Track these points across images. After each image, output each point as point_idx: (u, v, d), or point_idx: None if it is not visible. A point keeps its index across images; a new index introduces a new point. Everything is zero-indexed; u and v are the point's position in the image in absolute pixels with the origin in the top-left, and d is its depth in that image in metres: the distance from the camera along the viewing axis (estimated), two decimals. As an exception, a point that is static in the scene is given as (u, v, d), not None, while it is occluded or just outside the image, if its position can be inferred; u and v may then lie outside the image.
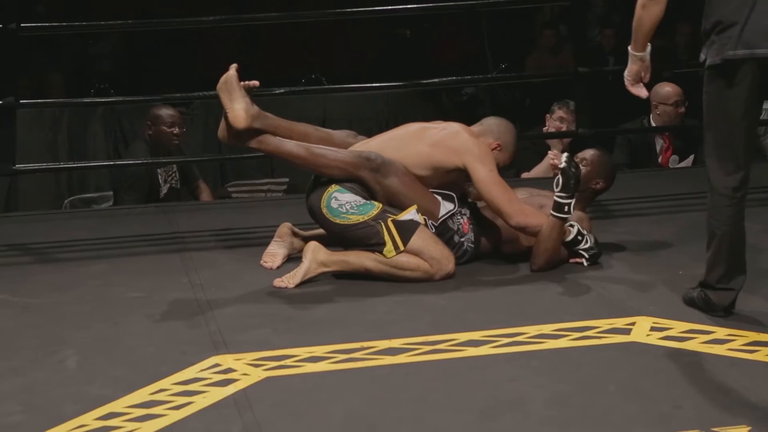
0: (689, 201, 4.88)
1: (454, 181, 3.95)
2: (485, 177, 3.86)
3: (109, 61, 8.67)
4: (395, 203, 3.87)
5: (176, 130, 5.53)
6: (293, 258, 4.03)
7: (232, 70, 3.87)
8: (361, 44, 8.75)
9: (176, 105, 5.88)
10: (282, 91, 5.69)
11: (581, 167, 4.07)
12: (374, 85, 5.29)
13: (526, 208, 3.90)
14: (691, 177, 5.38)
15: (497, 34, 9.12)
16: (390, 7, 6.03)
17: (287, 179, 6.49)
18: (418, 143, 3.94)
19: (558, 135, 5.91)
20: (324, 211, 3.86)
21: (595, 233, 4.12)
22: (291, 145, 3.90)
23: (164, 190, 5.53)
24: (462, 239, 3.98)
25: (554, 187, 3.87)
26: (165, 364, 3.11)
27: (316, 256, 3.80)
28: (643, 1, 3.28)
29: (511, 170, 5.53)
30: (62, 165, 6.44)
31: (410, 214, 3.85)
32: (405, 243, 3.80)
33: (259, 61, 8.70)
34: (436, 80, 5.95)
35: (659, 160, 5.96)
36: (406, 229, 3.81)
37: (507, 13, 8.73)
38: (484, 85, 8.46)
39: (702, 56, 3.25)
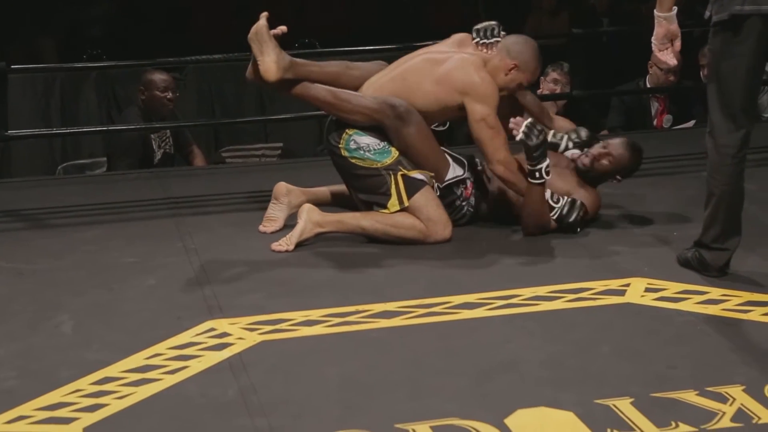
0: (684, 162, 4.89)
1: (464, 117, 3.89)
2: (480, 118, 3.80)
3: (101, 26, 8.62)
4: (409, 155, 3.85)
5: (169, 95, 5.51)
6: (291, 221, 4.01)
7: (263, 20, 3.82)
8: (356, 8, 8.70)
9: (169, 70, 5.84)
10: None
11: (604, 161, 4.02)
12: (368, 48, 5.25)
13: (511, 162, 3.85)
14: (686, 138, 5.38)
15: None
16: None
17: (281, 144, 6.46)
18: (424, 81, 3.88)
19: (552, 97, 5.89)
20: (342, 152, 3.86)
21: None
22: (317, 90, 3.88)
23: (158, 155, 5.51)
24: (462, 203, 3.99)
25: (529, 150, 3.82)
26: (160, 328, 3.11)
27: (310, 217, 3.80)
28: None
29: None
30: (55, 131, 6.40)
31: (421, 174, 3.84)
32: (410, 198, 3.80)
33: (251, 26, 8.67)
34: (431, 43, 5.90)
35: (654, 122, 5.95)
36: (414, 186, 3.82)
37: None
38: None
39: (707, 13, 3.22)
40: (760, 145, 4.39)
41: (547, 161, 3.83)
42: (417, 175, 3.84)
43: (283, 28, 3.85)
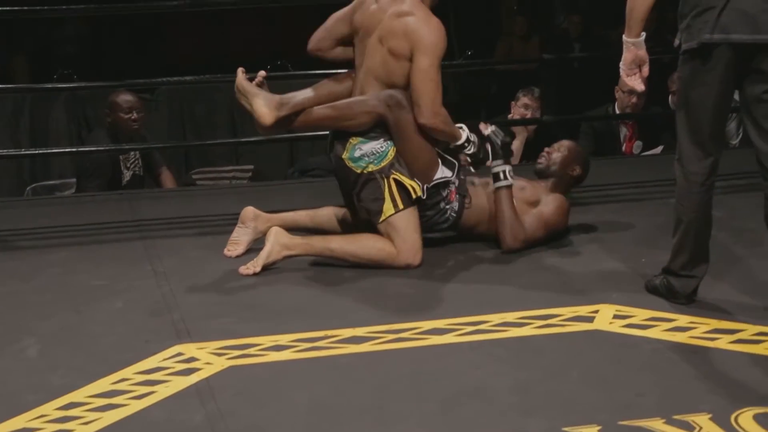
0: (652, 189, 4.91)
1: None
2: (425, 69, 3.79)
3: (73, 46, 8.60)
4: (406, 148, 3.85)
5: (134, 116, 5.47)
6: (257, 245, 4.00)
7: (240, 74, 3.88)
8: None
9: (140, 92, 5.83)
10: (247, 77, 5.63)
11: (556, 153, 4.22)
12: (340, 71, 5.25)
13: (446, 114, 3.88)
14: (655, 165, 5.41)
15: (464, 20, 9.11)
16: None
17: (252, 166, 6.47)
18: (388, 59, 3.87)
19: (523, 122, 5.92)
20: (347, 162, 3.87)
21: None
22: (318, 112, 3.90)
23: (127, 177, 5.49)
24: (446, 206, 4.00)
25: (490, 160, 4.03)
26: (127, 352, 3.09)
27: (278, 239, 3.80)
28: None
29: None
30: (24, 152, 6.37)
31: (411, 187, 3.85)
32: (404, 204, 3.82)
33: (225, 48, 8.66)
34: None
35: (623, 148, 5.99)
36: (407, 193, 3.84)
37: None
38: (450, 72, 8.45)
39: (677, 41, 3.24)
40: (728, 172, 4.41)
41: (510, 165, 4.01)
42: (407, 182, 3.84)
43: (262, 73, 3.90)
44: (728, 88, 3.20)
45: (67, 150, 6.29)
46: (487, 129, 4.08)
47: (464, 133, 4.00)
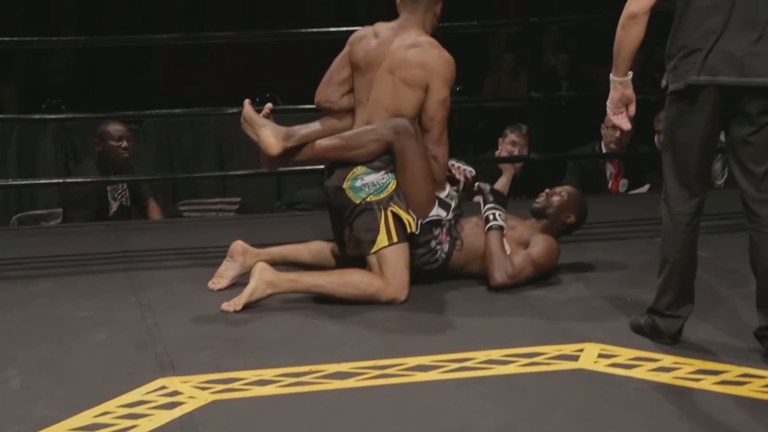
0: (638, 227, 4.93)
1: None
2: (442, 99, 3.90)
3: (62, 76, 8.61)
4: (407, 178, 3.87)
5: (124, 144, 5.50)
6: (243, 279, 3.99)
7: (247, 105, 3.90)
8: (318, 64, 8.74)
9: (128, 123, 5.84)
10: (235, 111, 5.66)
11: (557, 196, 4.24)
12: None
13: (447, 144, 3.97)
14: (641, 203, 5.44)
15: (452, 55, 9.16)
16: (346, 28, 6.03)
17: (239, 199, 6.47)
18: (398, 88, 3.91)
19: (510, 159, 5.94)
20: (347, 191, 3.87)
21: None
22: (325, 143, 3.92)
23: (114, 207, 5.49)
24: (437, 246, 4.01)
25: (482, 206, 4.11)
26: (110, 385, 3.07)
27: (263, 276, 3.77)
28: (622, 21, 3.25)
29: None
30: (11, 182, 6.37)
31: (407, 222, 3.86)
32: (399, 238, 3.83)
33: (214, 80, 8.69)
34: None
35: (609, 186, 6.01)
36: (402, 228, 3.85)
37: (462, 35, 8.76)
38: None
39: (664, 81, 3.27)
40: (714, 213, 4.45)
41: (502, 209, 4.08)
42: (404, 216, 3.86)
43: (269, 105, 3.95)
44: (714, 130, 3.22)
45: (55, 181, 6.29)
46: (453, 167, 4.12)
47: (451, 203, 4.04)
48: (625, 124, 3.38)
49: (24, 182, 6.38)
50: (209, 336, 3.53)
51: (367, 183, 3.86)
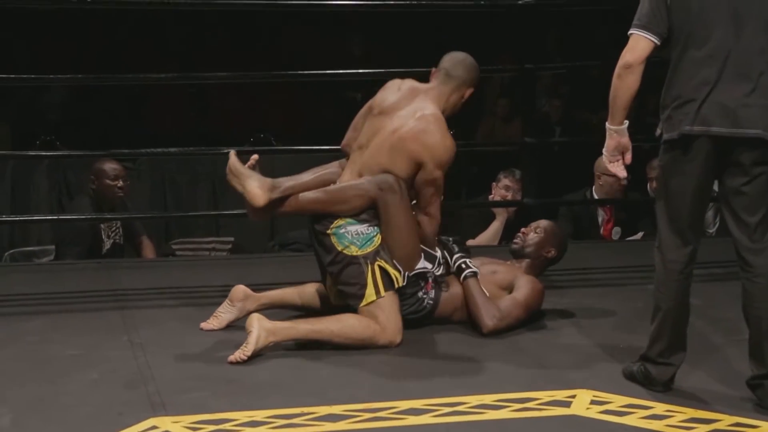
0: (630, 274, 4.94)
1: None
2: (434, 179, 3.94)
3: (56, 113, 8.62)
4: (392, 232, 3.88)
5: (120, 183, 5.52)
6: (237, 322, 3.99)
7: (232, 156, 3.91)
8: (311, 106, 8.79)
9: (122, 161, 5.85)
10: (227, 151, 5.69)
11: (532, 234, 4.27)
12: (323, 147, 5.31)
13: (438, 219, 4.00)
14: (633, 250, 5.46)
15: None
16: (341, 71, 6.09)
17: (232, 239, 6.47)
18: (395, 152, 3.94)
19: (503, 204, 5.96)
20: (331, 236, 3.88)
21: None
22: (310, 196, 3.93)
23: (107, 245, 5.49)
24: (424, 296, 4.02)
25: (449, 259, 4.10)
26: (101, 425, 3.07)
27: (263, 325, 3.73)
28: (618, 70, 3.27)
29: (456, 237, 5.54)
30: (4, 218, 6.36)
31: (394, 275, 3.87)
32: (386, 290, 3.83)
33: (207, 120, 8.71)
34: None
35: (601, 231, 6.03)
36: (389, 282, 3.85)
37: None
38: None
39: (658, 130, 3.30)
40: (706, 261, 4.45)
41: (468, 255, 4.10)
42: (392, 271, 3.86)
43: (255, 156, 3.96)
44: (708, 179, 3.24)
45: (48, 217, 6.30)
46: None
47: (437, 255, 4.07)
48: (622, 172, 3.40)
49: (17, 218, 6.38)
50: (201, 376, 3.52)
51: (350, 231, 3.88)
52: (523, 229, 4.35)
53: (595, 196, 5.98)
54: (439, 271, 4.07)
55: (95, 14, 8.35)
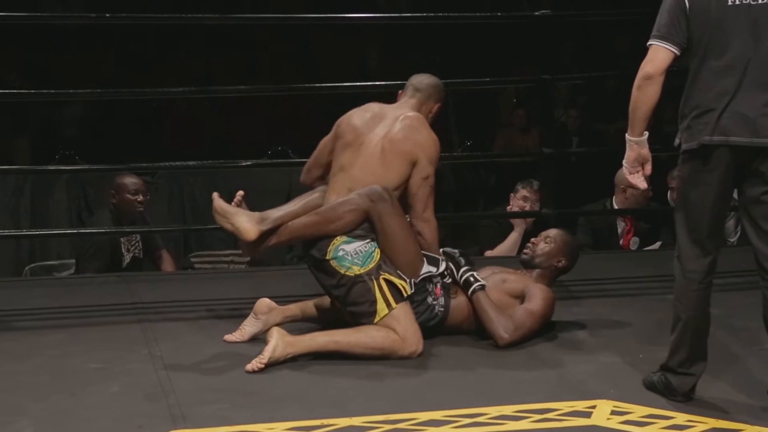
0: (650, 284, 4.92)
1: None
2: (427, 176, 3.99)
3: (75, 127, 8.67)
4: (390, 243, 3.88)
5: (140, 198, 5.55)
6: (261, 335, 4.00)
7: (216, 197, 3.94)
8: (328, 119, 8.80)
9: (141, 174, 5.88)
10: (248, 163, 5.75)
11: (542, 244, 4.22)
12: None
13: (435, 222, 4.03)
14: (652, 260, 5.44)
15: (463, 111, 9.22)
16: (357, 84, 6.11)
17: (250, 252, 6.47)
18: (386, 159, 3.97)
19: (521, 215, 5.95)
20: (331, 262, 3.87)
21: (557, 314, 4.16)
22: (301, 222, 3.94)
23: (127, 259, 5.51)
24: (434, 302, 4.01)
25: (455, 273, 4.07)
26: (122, 437, 3.08)
27: (282, 337, 3.75)
28: (638, 81, 3.27)
29: (474, 248, 5.54)
30: (24, 232, 6.39)
31: (401, 284, 3.86)
32: (396, 301, 3.83)
33: (225, 133, 8.73)
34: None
35: (621, 242, 6.01)
36: (398, 293, 3.85)
37: (473, 91, 8.83)
38: (449, 163, 8.51)
39: (677, 140, 3.29)
40: (726, 270, 4.43)
41: (474, 269, 4.09)
42: (397, 282, 3.86)
43: (240, 193, 3.97)
44: (727, 189, 3.24)
45: (68, 231, 6.33)
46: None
47: (442, 263, 4.06)
48: (642, 184, 3.39)
49: (37, 232, 6.41)
50: (220, 388, 3.53)
51: (348, 252, 3.87)
52: (533, 239, 4.33)
53: (615, 207, 5.96)
54: (447, 279, 4.05)
55: (114, 29, 8.40)
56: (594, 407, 3.35)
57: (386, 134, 4.00)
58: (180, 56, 8.97)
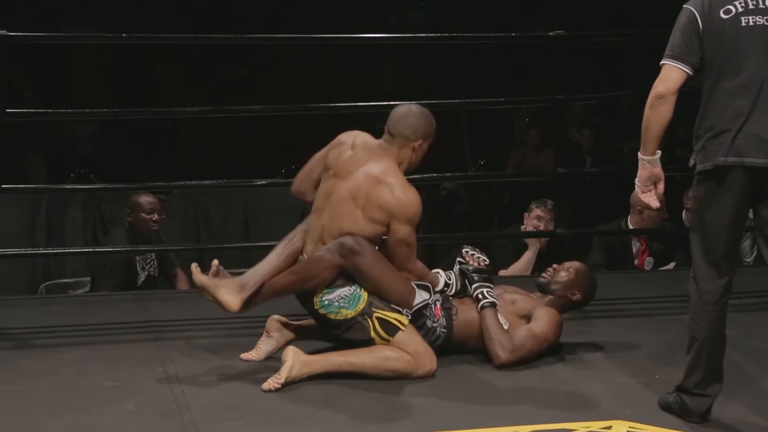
0: (665, 304, 4.92)
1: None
2: (403, 237, 3.89)
3: (90, 145, 8.71)
4: (376, 288, 3.86)
5: (155, 217, 5.57)
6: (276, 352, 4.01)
7: (194, 269, 3.92)
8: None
9: (156, 192, 5.90)
10: (263, 182, 5.77)
11: (563, 272, 4.21)
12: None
13: (416, 268, 3.98)
14: (667, 280, 5.43)
15: (477, 130, 9.24)
16: (372, 103, 6.13)
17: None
18: (355, 212, 3.89)
19: (535, 234, 5.95)
20: (321, 311, 3.88)
21: (572, 334, 4.16)
22: (280, 282, 3.94)
23: (142, 277, 5.53)
24: (434, 324, 3.99)
25: (468, 287, 4.07)
26: (138, 455, 3.08)
27: (297, 357, 3.76)
28: (650, 101, 3.28)
29: (489, 267, 5.53)
30: (41, 251, 6.42)
31: (395, 316, 3.86)
32: (392, 336, 3.83)
33: (240, 152, 8.77)
34: (417, 176, 6.00)
35: (635, 262, 6.01)
36: (392, 328, 3.84)
37: (486, 110, 8.85)
38: (463, 183, 8.53)
39: (692, 161, 3.30)
40: (742, 291, 4.44)
41: (489, 285, 4.06)
42: (391, 316, 3.85)
43: (215, 263, 3.94)
44: (743, 209, 3.24)
45: (84, 250, 6.36)
46: (468, 255, 4.17)
47: (441, 279, 4.06)
48: (654, 203, 3.39)
49: (53, 251, 6.44)
50: (236, 406, 3.54)
51: (333, 299, 3.86)
52: (555, 265, 4.30)
53: (630, 227, 5.96)
54: (450, 291, 4.04)
55: (130, 48, 8.44)
56: (609, 428, 3.34)
57: (355, 197, 3.89)
58: (196, 75, 9.01)
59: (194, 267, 3.92)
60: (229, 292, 3.88)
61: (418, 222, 3.94)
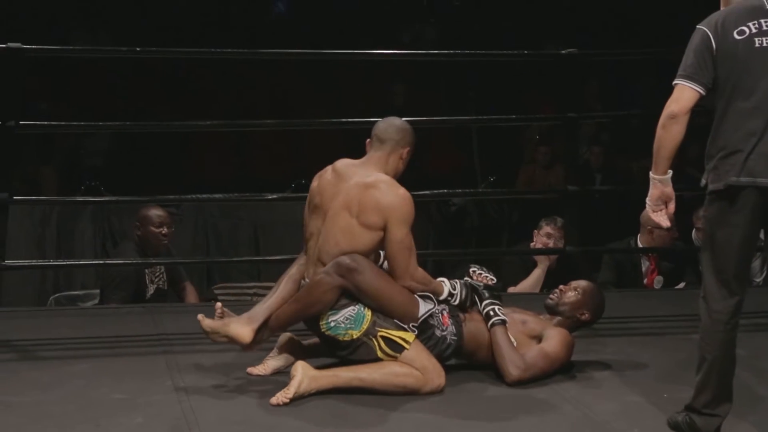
0: (674, 323, 4.91)
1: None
2: (400, 239, 3.88)
3: (100, 157, 8.74)
4: (379, 304, 3.86)
5: (164, 230, 5.57)
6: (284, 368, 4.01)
7: (201, 319, 3.95)
8: (352, 152, 8.83)
9: (166, 206, 5.91)
10: (274, 196, 5.78)
11: (571, 292, 4.18)
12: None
13: (419, 274, 3.95)
14: (677, 299, 5.42)
15: (486, 147, 9.25)
16: (381, 119, 6.12)
17: (273, 284, 6.49)
18: (352, 225, 3.89)
19: (545, 251, 5.95)
20: (328, 333, 3.88)
21: (581, 352, 4.15)
22: (285, 312, 3.95)
23: (151, 290, 5.53)
24: (444, 333, 3.98)
25: (478, 304, 4.06)
26: (146, 469, 3.08)
27: (306, 372, 3.76)
28: (663, 120, 3.28)
29: (498, 284, 5.53)
30: (51, 263, 6.44)
31: (400, 333, 3.85)
32: (398, 354, 3.83)
33: (249, 166, 8.79)
34: (427, 192, 6.02)
35: (645, 281, 6.00)
36: (396, 345, 3.84)
37: (496, 127, 8.87)
38: (473, 199, 8.54)
39: (703, 180, 3.30)
40: (752, 311, 4.43)
41: (499, 303, 4.06)
42: (395, 335, 3.85)
43: (219, 305, 4.00)
44: (754, 230, 3.24)
45: (93, 262, 6.37)
46: (475, 274, 4.18)
47: (446, 287, 4.04)
48: (665, 222, 3.39)
49: (62, 263, 6.45)
50: (244, 421, 3.54)
51: (339, 320, 3.86)
52: (561, 286, 4.27)
53: (640, 246, 5.95)
54: (454, 300, 4.03)
55: (141, 62, 8.48)
56: (618, 447, 3.34)
57: (348, 207, 3.90)
58: (206, 88, 9.04)
59: (201, 317, 3.96)
60: (239, 326, 3.92)
61: (412, 222, 3.92)
